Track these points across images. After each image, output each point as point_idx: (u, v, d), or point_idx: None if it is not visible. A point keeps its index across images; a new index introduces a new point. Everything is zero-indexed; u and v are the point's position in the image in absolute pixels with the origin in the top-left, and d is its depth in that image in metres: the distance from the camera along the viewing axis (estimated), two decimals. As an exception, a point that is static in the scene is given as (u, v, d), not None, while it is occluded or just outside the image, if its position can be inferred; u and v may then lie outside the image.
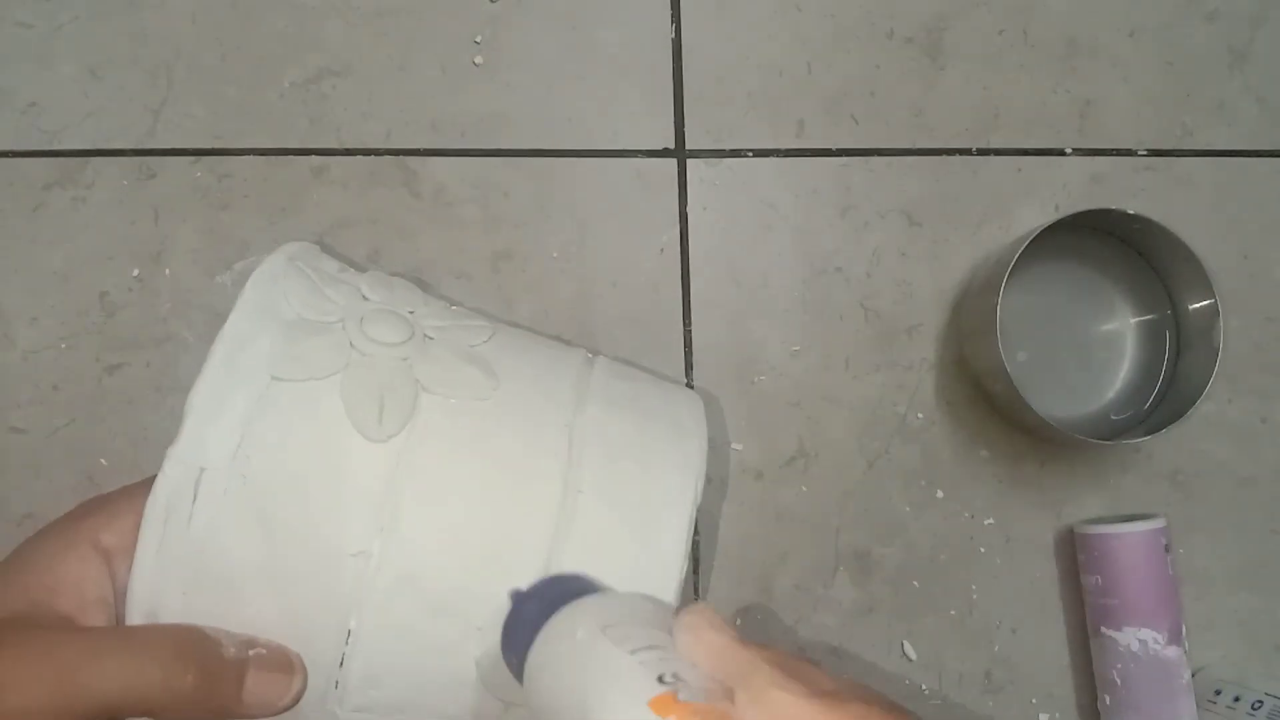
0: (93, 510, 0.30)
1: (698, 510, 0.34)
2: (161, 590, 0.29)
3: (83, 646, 0.26)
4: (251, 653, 0.28)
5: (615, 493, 0.32)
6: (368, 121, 0.48)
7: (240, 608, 0.29)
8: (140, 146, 0.47)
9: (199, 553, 0.29)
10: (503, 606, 0.29)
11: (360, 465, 0.30)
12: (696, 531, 0.46)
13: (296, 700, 0.29)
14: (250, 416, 0.29)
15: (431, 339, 0.34)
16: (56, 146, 0.47)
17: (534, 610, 0.28)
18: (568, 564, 0.31)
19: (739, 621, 0.46)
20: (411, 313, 0.35)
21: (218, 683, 0.27)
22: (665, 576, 0.32)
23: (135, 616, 0.29)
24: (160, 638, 0.27)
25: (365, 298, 0.35)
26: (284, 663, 0.29)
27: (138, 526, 0.29)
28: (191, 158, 0.47)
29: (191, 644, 0.27)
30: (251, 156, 0.47)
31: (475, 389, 0.33)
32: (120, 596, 0.29)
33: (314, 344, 0.31)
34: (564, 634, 0.27)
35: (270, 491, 0.29)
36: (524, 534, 0.31)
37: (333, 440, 0.30)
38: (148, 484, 0.29)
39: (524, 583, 0.30)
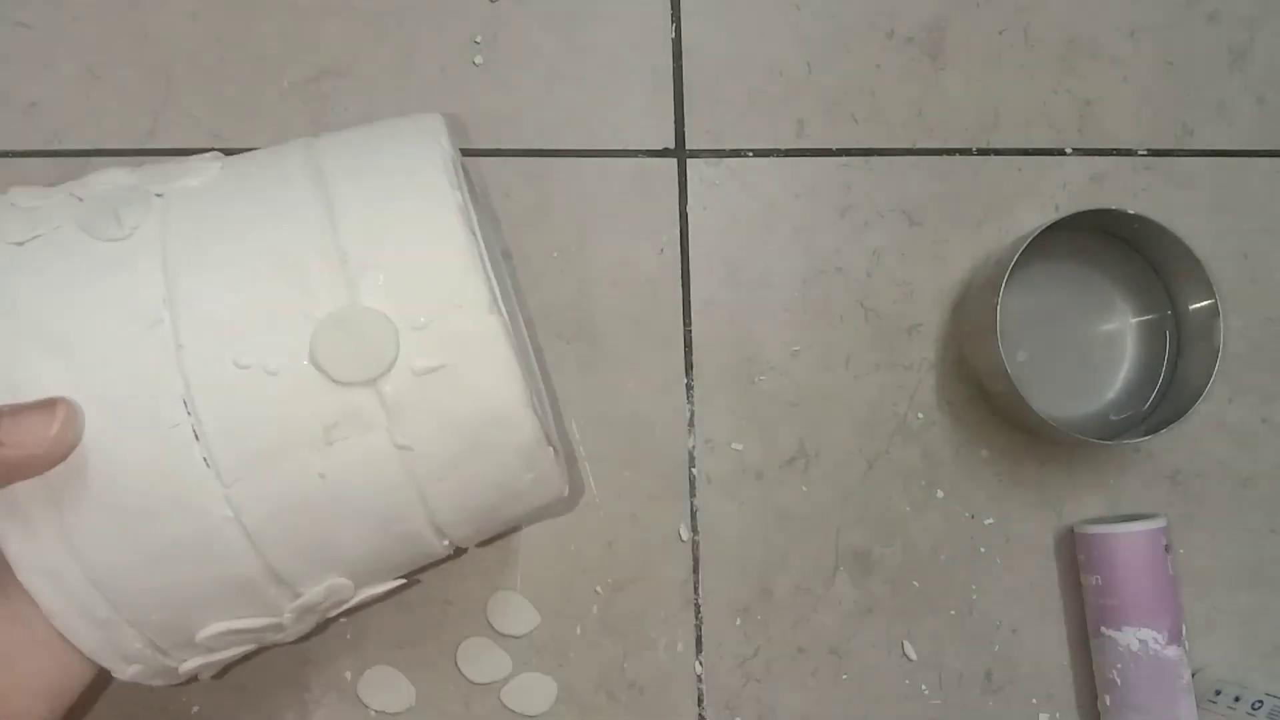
0: None
1: (695, 506, 0.34)
2: None
3: None
4: (4, 404, 0.28)
5: (359, 164, 0.33)
6: (367, 121, 0.48)
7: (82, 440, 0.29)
8: (140, 146, 0.47)
9: (3, 392, 0.29)
10: (308, 299, 0.30)
11: (117, 261, 0.31)
12: (695, 531, 0.46)
13: (71, 432, 0.28)
14: (4, 277, 0.30)
15: (152, 171, 0.35)
16: (56, 146, 0.47)
17: None
18: (354, 247, 0.31)
19: (738, 621, 0.46)
20: (134, 169, 0.36)
21: None
22: (445, 223, 0.32)
23: None
24: None
25: (82, 179, 0.36)
26: (42, 403, 0.28)
27: None
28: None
29: None
30: (251, 156, 0.47)
31: (204, 173, 0.34)
32: None
33: (43, 207, 0.32)
34: None
35: (44, 315, 0.30)
36: (294, 230, 0.31)
37: (84, 258, 0.31)
38: None
39: (323, 270, 0.30)
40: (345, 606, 0.36)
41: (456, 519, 0.34)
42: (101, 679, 0.33)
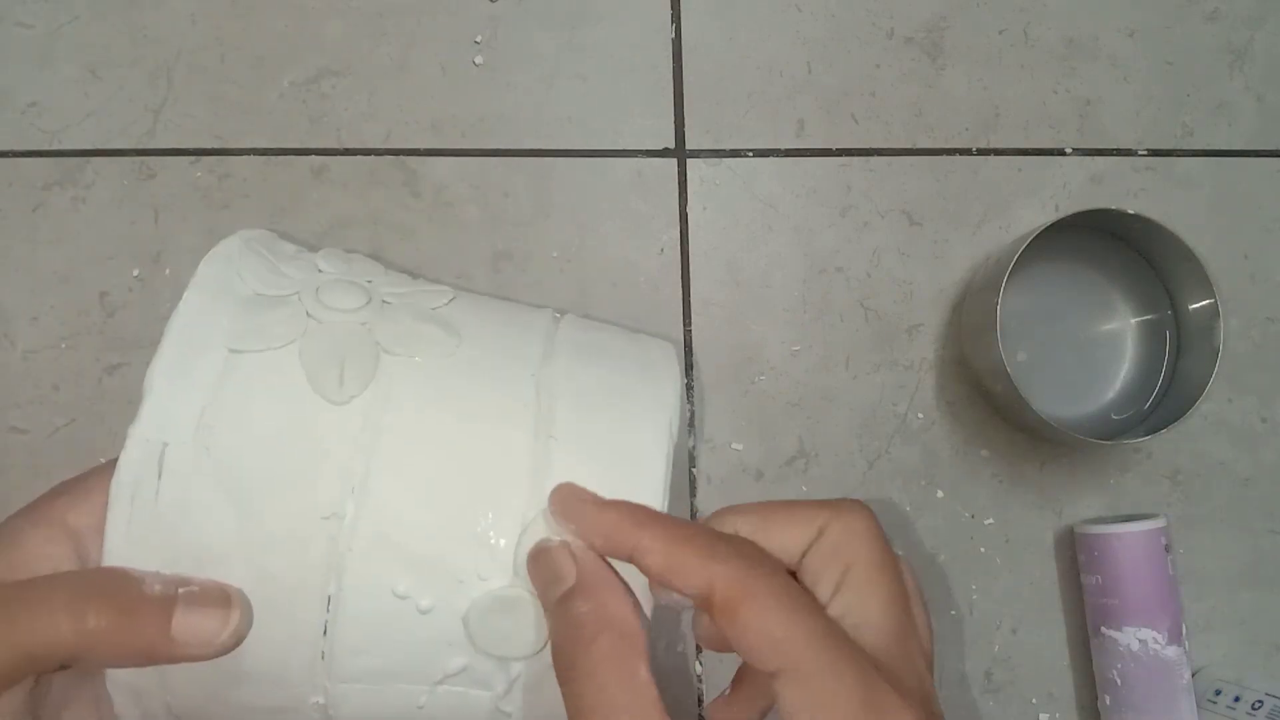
0: (62, 491, 0.30)
1: (695, 506, 0.34)
2: (134, 568, 0.28)
3: None
4: (181, 590, 0.27)
5: (587, 436, 0.32)
6: (368, 121, 0.48)
7: (219, 576, 0.28)
8: (140, 146, 0.47)
9: (168, 528, 0.28)
10: (483, 560, 0.29)
11: (325, 428, 0.30)
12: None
13: (238, 638, 0.27)
14: (210, 390, 0.29)
15: (390, 304, 0.34)
16: (56, 146, 0.47)
17: None
18: (536, 539, 0.30)
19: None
20: (370, 282, 0.35)
21: (137, 620, 0.26)
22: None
23: None
24: (62, 580, 0.27)
25: (321, 270, 0.34)
26: (219, 597, 0.27)
27: (106, 506, 0.28)
28: (191, 158, 0.47)
29: (96, 584, 0.27)
30: (251, 156, 0.47)
31: (437, 346, 0.32)
32: None
33: (271, 316, 0.31)
34: None
35: (235, 462, 0.29)
36: (498, 484, 0.30)
37: (294, 405, 0.30)
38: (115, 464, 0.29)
39: (502, 535, 0.29)
40: None
41: None
42: None
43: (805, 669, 0.24)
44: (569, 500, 0.29)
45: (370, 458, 0.29)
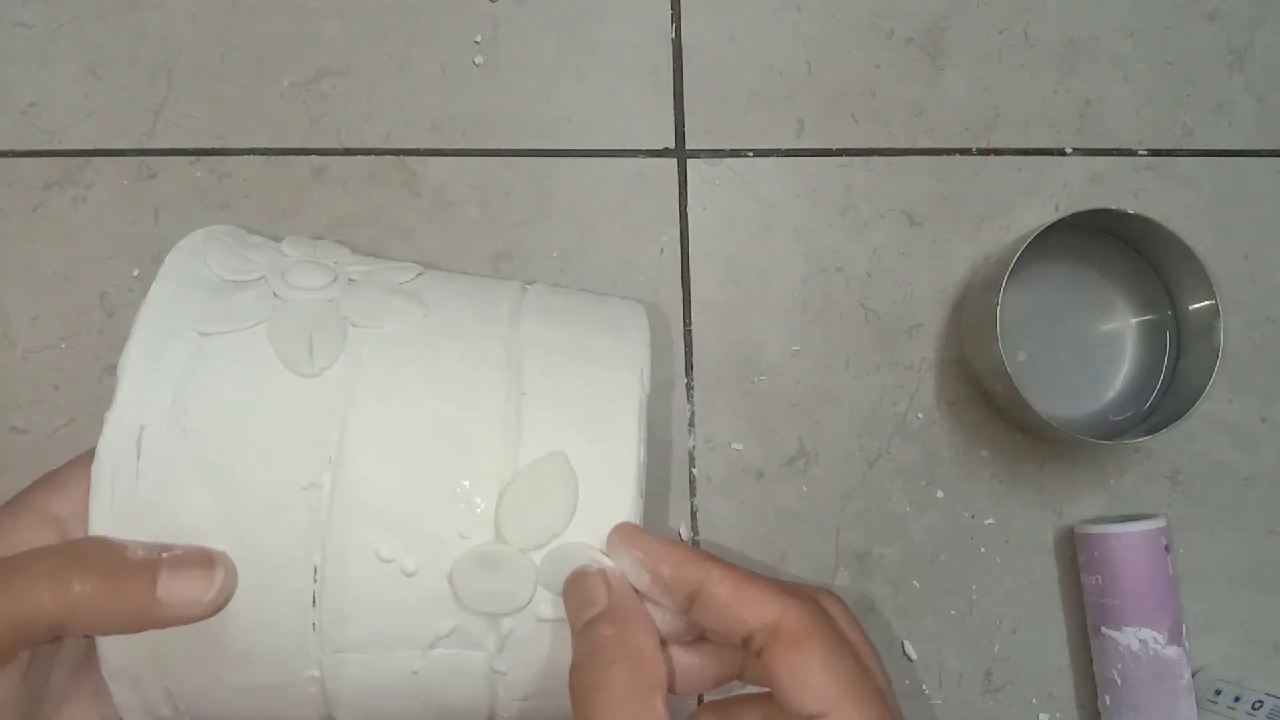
0: (42, 482, 0.30)
1: (695, 506, 0.34)
2: (115, 537, 0.28)
3: None
4: (165, 555, 0.27)
5: (559, 392, 0.32)
6: (368, 121, 0.48)
7: None
8: (140, 146, 0.47)
9: (150, 509, 0.29)
10: (464, 519, 0.30)
11: (297, 401, 0.30)
12: (695, 530, 0.46)
13: (224, 596, 0.28)
14: (183, 372, 0.30)
15: (356, 281, 0.34)
16: (56, 146, 0.47)
17: None
18: (521, 466, 0.31)
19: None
20: (335, 262, 0.35)
21: (121, 585, 0.26)
22: (620, 470, 0.32)
23: None
24: (43, 551, 0.27)
25: (286, 255, 0.35)
26: (201, 558, 0.28)
27: (88, 492, 0.29)
28: (191, 158, 0.47)
29: (79, 551, 0.27)
30: (251, 156, 0.47)
31: (405, 317, 0.33)
32: None
33: (238, 299, 0.31)
34: None
35: (211, 440, 0.29)
36: (473, 444, 0.31)
37: (266, 381, 0.30)
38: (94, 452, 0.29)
39: (481, 494, 0.30)
40: None
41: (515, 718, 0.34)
42: None
43: (852, 717, 0.26)
44: (632, 534, 0.30)
45: (344, 427, 0.30)
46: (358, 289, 0.34)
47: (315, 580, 0.29)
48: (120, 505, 0.29)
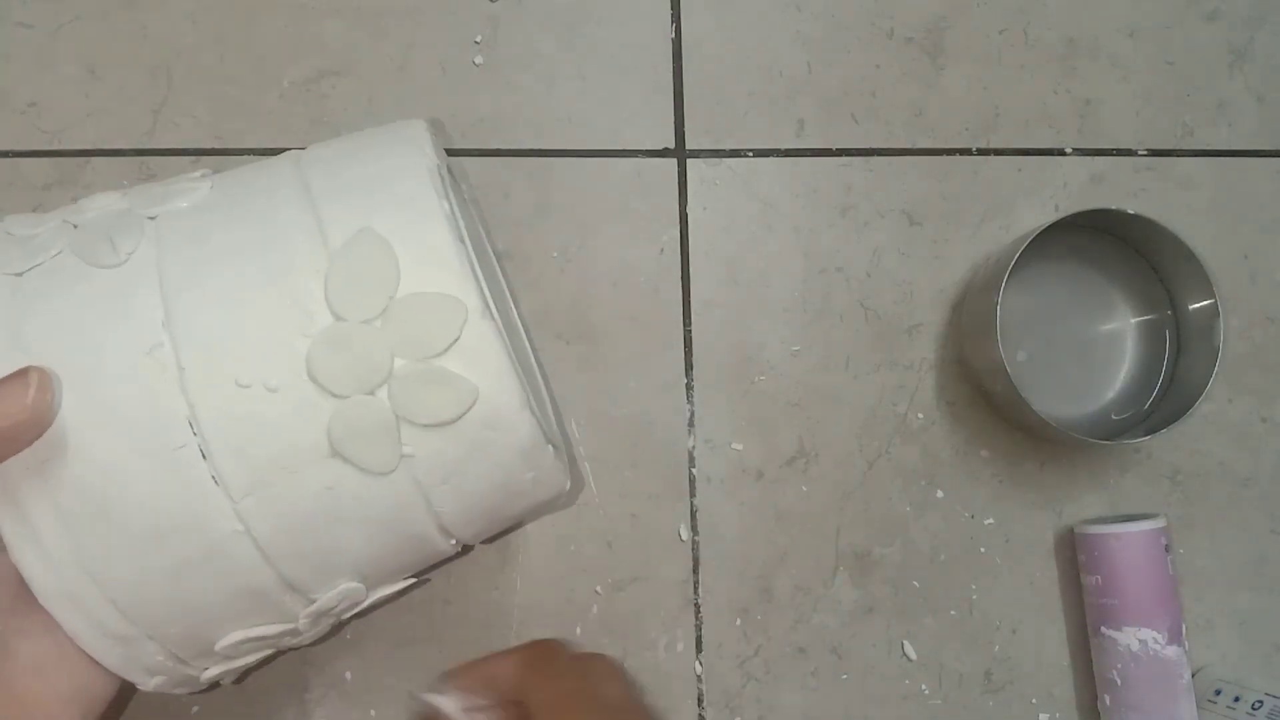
0: None
1: (695, 506, 0.34)
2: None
3: None
4: None
5: (347, 185, 0.33)
6: (368, 121, 0.48)
7: (90, 461, 0.30)
8: (140, 146, 0.47)
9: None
10: (302, 319, 0.31)
11: (115, 287, 0.31)
12: (695, 531, 0.46)
13: (49, 399, 0.29)
14: (6, 310, 0.31)
15: (146, 194, 0.35)
16: (56, 146, 0.47)
17: None
18: (340, 275, 0.31)
19: (738, 621, 0.46)
20: (125, 184, 0.37)
21: None
22: (430, 224, 0.33)
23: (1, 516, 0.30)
24: None
25: (78, 201, 0.36)
26: (14, 374, 0.29)
27: None
28: (191, 158, 0.47)
29: None
30: (251, 156, 0.47)
31: (193, 194, 0.34)
32: None
33: (38, 236, 0.33)
34: None
35: (53, 353, 0.30)
36: (283, 253, 0.32)
37: (82, 284, 0.31)
38: None
39: (305, 286, 0.31)
40: (359, 608, 0.37)
41: (461, 520, 0.35)
42: (129, 687, 0.33)
43: None
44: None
45: (164, 288, 0.31)
46: (147, 190, 0.35)
47: (194, 433, 0.30)
48: None
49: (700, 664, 0.46)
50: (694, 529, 0.47)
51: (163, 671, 0.33)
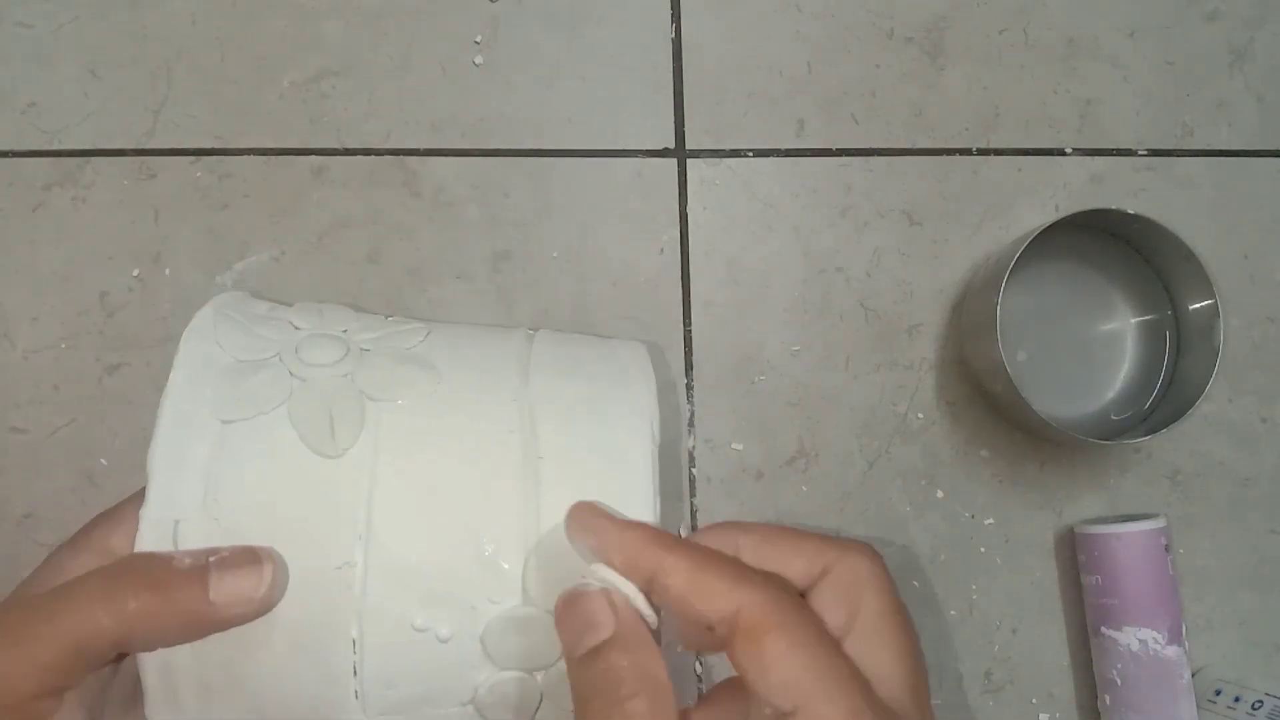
0: (99, 520, 0.31)
1: (694, 507, 0.34)
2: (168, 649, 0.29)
3: (25, 609, 0.27)
4: (212, 559, 0.28)
5: (573, 451, 0.33)
6: (368, 121, 0.48)
7: (247, 647, 0.29)
8: (140, 146, 0.47)
9: None
10: (492, 585, 0.30)
11: (323, 482, 0.31)
12: (695, 531, 0.46)
13: (278, 591, 0.28)
14: (209, 462, 0.30)
15: (368, 350, 0.35)
16: (56, 146, 0.47)
17: None
18: (544, 529, 0.31)
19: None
20: (344, 331, 0.36)
21: (174, 593, 0.27)
22: (639, 517, 0.32)
23: (149, 674, 0.29)
24: (94, 574, 0.27)
25: (297, 328, 0.35)
26: (248, 556, 0.28)
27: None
28: (191, 158, 0.47)
29: (128, 568, 0.27)
30: (251, 156, 0.47)
31: (418, 386, 0.33)
32: None
33: (255, 381, 0.32)
34: None
35: (244, 527, 0.30)
36: (495, 511, 0.31)
37: (291, 465, 0.31)
38: None
39: (507, 558, 0.30)
40: None
41: None
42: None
43: (823, 713, 0.23)
44: (587, 517, 0.29)
45: (371, 505, 0.31)
46: (370, 359, 0.34)
47: (355, 652, 0.30)
48: None
49: (700, 664, 0.46)
50: (694, 529, 0.47)
51: None
